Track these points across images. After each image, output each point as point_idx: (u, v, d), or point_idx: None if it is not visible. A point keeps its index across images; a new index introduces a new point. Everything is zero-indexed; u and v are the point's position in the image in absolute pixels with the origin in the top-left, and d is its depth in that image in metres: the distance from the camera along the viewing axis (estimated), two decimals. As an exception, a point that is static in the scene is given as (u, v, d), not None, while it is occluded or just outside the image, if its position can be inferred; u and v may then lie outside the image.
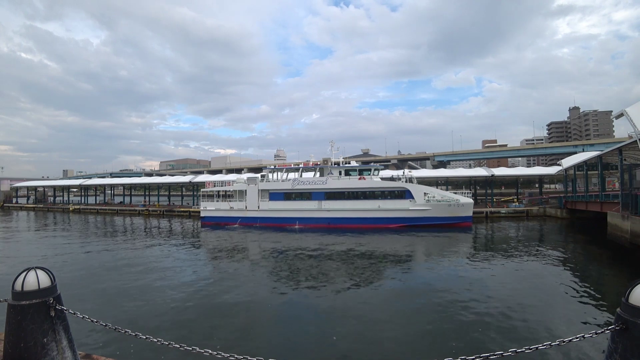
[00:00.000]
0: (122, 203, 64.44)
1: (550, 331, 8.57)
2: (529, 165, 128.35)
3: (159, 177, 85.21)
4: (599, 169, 28.68)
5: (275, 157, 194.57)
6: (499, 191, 65.39)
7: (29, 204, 71.12)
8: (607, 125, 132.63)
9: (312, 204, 33.37)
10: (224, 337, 8.45)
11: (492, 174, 45.20)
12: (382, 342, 8.15)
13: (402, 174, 36.06)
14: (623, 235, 19.16)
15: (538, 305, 10.60)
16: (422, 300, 11.11)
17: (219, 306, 10.78)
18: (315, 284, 13.26)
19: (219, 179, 47.40)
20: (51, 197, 79.54)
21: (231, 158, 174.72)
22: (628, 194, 19.46)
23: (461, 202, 31.01)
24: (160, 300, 11.34)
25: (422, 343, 8.21)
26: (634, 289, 2.01)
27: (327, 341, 8.23)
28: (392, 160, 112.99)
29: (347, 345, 8.00)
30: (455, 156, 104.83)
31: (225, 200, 37.49)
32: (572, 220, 33.93)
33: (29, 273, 2.57)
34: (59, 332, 2.60)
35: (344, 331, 8.76)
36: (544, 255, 18.43)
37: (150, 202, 60.54)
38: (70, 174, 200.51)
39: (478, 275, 14.39)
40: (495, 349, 1.86)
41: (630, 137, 22.07)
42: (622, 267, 16.21)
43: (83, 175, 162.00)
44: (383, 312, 10.28)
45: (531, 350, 2.30)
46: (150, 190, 68.09)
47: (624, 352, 1.94)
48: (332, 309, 10.50)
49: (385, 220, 31.13)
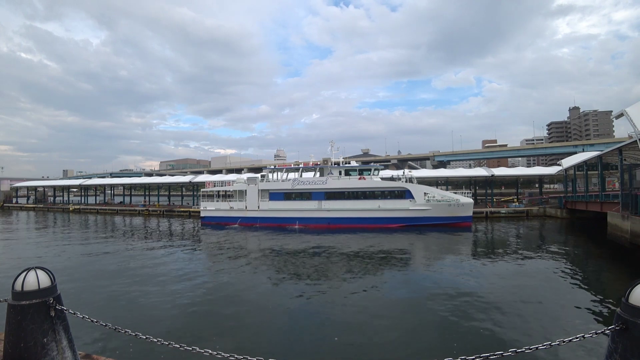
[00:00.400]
0: (122, 203, 64.47)
1: (550, 331, 8.57)
2: (529, 165, 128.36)
3: (159, 177, 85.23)
4: (599, 169, 28.69)
5: (275, 157, 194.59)
6: (499, 191, 65.42)
7: (29, 204, 71.12)
8: (607, 125, 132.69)
9: (312, 204, 33.38)
10: (224, 337, 8.45)
11: (492, 174, 45.22)
12: (383, 342, 8.15)
13: (402, 174, 36.06)
14: (623, 235, 19.16)
15: (538, 305, 10.60)
16: (422, 300, 11.11)
17: (219, 306, 10.79)
18: (315, 284, 13.27)
19: (219, 179, 47.40)
20: (51, 197, 79.55)
21: (231, 158, 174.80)
22: (628, 194, 19.46)
23: (461, 202, 31.02)
24: (160, 300, 11.34)
25: (422, 343, 8.21)
26: (634, 289, 2.01)
27: (328, 341, 8.23)
28: (392, 160, 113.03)
29: (347, 345, 8.00)
30: (455, 156, 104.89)
31: (225, 200, 37.51)
32: (572, 220, 33.94)
33: (29, 273, 2.57)
34: (59, 332, 2.60)
35: (344, 331, 8.75)
36: (544, 255, 18.43)
37: (150, 202, 60.58)
38: (70, 174, 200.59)
39: (478, 276, 14.40)
40: (495, 349, 1.87)
41: (630, 137, 22.08)
42: (622, 267, 16.21)
43: (83, 175, 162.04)
44: (383, 312, 10.27)
45: (531, 350, 2.30)
46: (150, 190, 68.12)
47: (624, 352, 1.94)
48: (332, 309, 10.50)
49: (385, 220, 31.13)
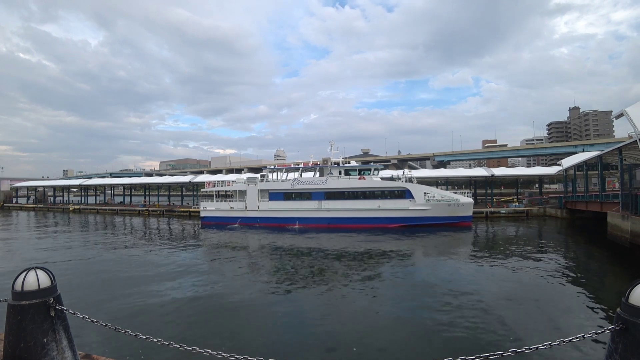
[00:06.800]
0: (122, 203, 64.44)
1: (550, 331, 8.57)
2: (529, 165, 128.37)
3: (159, 177, 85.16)
4: (599, 169, 28.68)
5: (275, 157, 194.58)
6: (499, 191, 65.40)
7: (29, 204, 71.09)
8: (607, 125, 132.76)
9: (312, 204, 33.37)
10: (224, 337, 8.45)
11: (492, 174, 45.21)
12: (383, 343, 8.14)
13: (402, 174, 36.08)
14: (623, 235, 19.15)
15: (538, 305, 10.59)
16: (422, 300, 11.10)
17: (219, 306, 10.78)
18: (315, 284, 13.27)
19: (219, 179, 47.34)
20: (51, 197, 79.45)
21: (231, 158, 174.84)
22: (628, 194, 19.44)
23: (461, 202, 31.01)
24: (160, 300, 11.34)
25: (422, 343, 8.21)
26: (634, 289, 2.01)
27: (328, 341, 8.23)
28: (392, 160, 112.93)
29: (347, 345, 7.99)
30: (455, 156, 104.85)
31: (225, 200, 37.50)
32: (572, 220, 33.92)
33: (29, 273, 2.56)
34: (59, 332, 2.60)
35: (344, 331, 8.75)
36: (544, 255, 18.42)
37: (150, 202, 60.53)
38: (70, 174, 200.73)
39: (478, 276, 14.41)
40: (495, 349, 1.87)
41: (630, 137, 22.09)
42: (622, 267, 16.20)
43: (83, 175, 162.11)
44: (383, 312, 10.27)
45: (531, 350, 2.30)
46: (150, 190, 68.06)
47: (624, 352, 1.95)
48: (332, 309, 10.49)
49: (385, 220, 31.12)
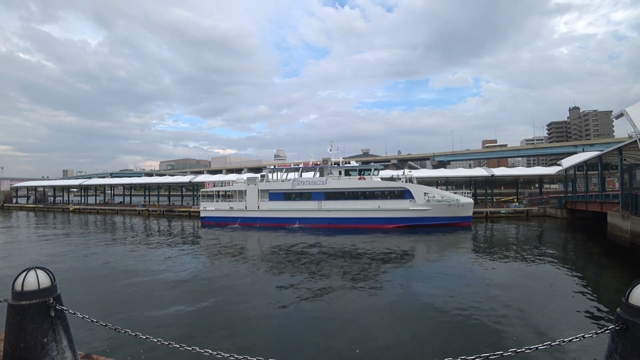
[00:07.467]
0: (122, 203, 64.42)
1: (550, 331, 8.56)
2: (529, 165, 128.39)
3: (159, 177, 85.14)
4: (599, 169, 28.68)
5: (275, 157, 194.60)
6: (499, 191, 65.41)
7: (29, 204, 71.07)
8: (607, 125, 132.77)
9: (312, 204, 33.35)
10: (224, 338, 8.44)
11: (492, 174, 45.21)
12: (382, 343, 8.14)
13: (402, 174, 36.06)
14: (623, 235, 19.15)
15: (538, 305, 10.59)
16: (423, 301, 11.10)
17: (219, 307, 10.77)
18: (315, 284, 13.26)
19: (219, 179, 47.32)
20: (51, 197, 79.42)
21: (231, 158, 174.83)
22: (628, 194, 19.44)
23: (461, 202, 31.00)
24: (160, 300, 11.33)
25: (422, 343, 8.20)
26: (634, 289, 2.01)
27: (328, 342, 8.23)
28: (392, 160, 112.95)
29: (347, 345, 7.99)
30: (455, 156, 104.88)
31: (225, 200, 37.48)
32: (572, 220, 33.92)
33: (29, 273, 2.56)
34: (59, 332, 2.60)
35: (344, 332, 8.75)
36: (544, 255, 18.42)
37: (150, 202, 60.49)
38: (70, 174, 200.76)
39: (478, 276, 14.40)
40: (495, 349, 1.88)
41: (630, 137, 22.09)
42: (622, 267, 16.19)
43: (83, 175, 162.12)
44: (383, 312, 10.27)
45: (531, 350, 2.30)
46: (150, 190, 68.03)
47: (624, 352, 1.95)
48: (332, 309, 10.48)
49: (385, 220, 31.11)
